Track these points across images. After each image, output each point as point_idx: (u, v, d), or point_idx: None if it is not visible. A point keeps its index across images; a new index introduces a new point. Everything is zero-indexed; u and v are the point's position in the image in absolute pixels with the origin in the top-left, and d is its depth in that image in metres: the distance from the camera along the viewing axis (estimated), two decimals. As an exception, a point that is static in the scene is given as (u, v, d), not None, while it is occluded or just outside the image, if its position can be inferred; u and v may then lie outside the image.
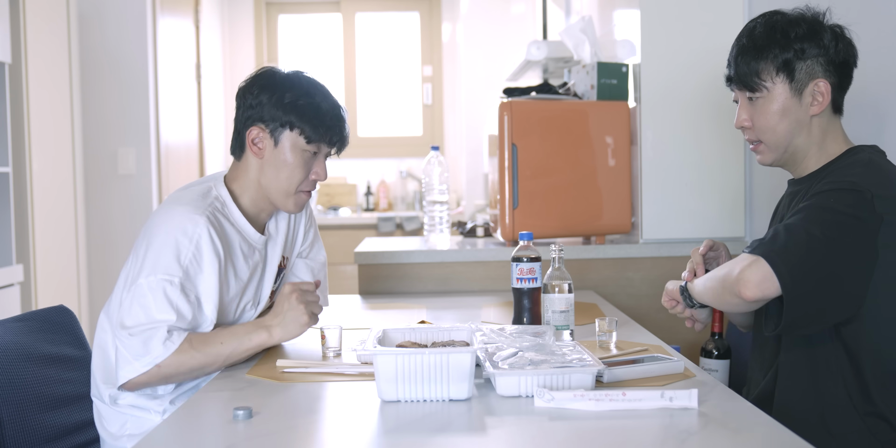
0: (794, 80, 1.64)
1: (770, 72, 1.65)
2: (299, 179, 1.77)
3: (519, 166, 2.66)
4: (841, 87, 1.67)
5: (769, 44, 1.64)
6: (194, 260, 1.65)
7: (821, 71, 1.64)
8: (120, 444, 1.73)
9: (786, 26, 1.64)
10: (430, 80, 6.15)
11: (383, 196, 5.94)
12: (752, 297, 1.48)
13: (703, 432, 1.23)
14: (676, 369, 1.54)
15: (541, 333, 1.62)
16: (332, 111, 1.77)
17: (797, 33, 1.63)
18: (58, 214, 3.52)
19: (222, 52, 5.83)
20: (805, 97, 1.64)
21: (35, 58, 3.32)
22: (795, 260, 1.47)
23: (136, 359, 1.60)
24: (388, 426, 1.31)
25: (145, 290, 1.62)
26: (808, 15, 1.66)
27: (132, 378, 1.61)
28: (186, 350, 1.62)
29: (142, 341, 1.60)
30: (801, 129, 1.66)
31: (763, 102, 1.67)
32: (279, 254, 1.89)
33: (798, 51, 1.63)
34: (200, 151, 5.04)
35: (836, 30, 1.65)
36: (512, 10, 5.25)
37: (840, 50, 1.64)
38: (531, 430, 1.26)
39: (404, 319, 2.16)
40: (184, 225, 1.66)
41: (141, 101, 4.17)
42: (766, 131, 1.68)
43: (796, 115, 1.65)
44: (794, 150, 1.68)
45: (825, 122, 1.67)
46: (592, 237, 2.82)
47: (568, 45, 2.97)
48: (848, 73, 1.67)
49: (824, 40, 1.63)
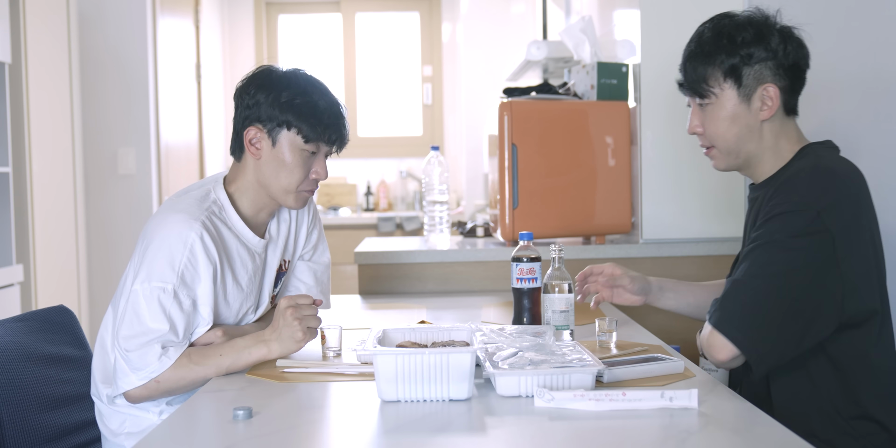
0: (742, 85, 1.62)
1: (717, 78, 1.64)
2: (299, 179, 1.75)
3: (519, 166, 2.66)
4: (793, 89, 1.65)
5: (716, 49, 1.63)
6: (189, 265, 1.65)
7: (770, 75, 1.62)
8: (119, 441, 1.73)
9: (732, 31, 1.62)
10: (430, 80, 6.15)
11: (383, 196, 5.93)
12: (725, 361, 1.50)
13: (703, 432, 1.23)
14: (676, 369, 1.54)
15: (541, 333, 1.61)
16: (330, 109, 1.74)
17: (744, 38, 1.61)
18: (58, 214, 3.52)
19: (222, 52, 5.83)
20: (754, 102, 1.63)
21: (35, 58, 3.32)
22: (749, 322, 1.48)
23: (133, 372, 1.61)
24: (388, 426, 1.31)
25: (139, 298, 1.63)
26: (757, 17, 1.64)
27: (129, 390, 1.62)
28: (185, 364, 1.62)
29: (138, 356, 1.61)
30: (751, 135, 1.65)
31: (712, 109, 1.66)
32: (279, 257, 1.87)
33: (745, 56, 1.61)
34: (200, 151, 5.04)
35: (785, 32, 1.63)
36: (512, 10, 5.25)
37: (789, 52, 1.62)
38: (531, 430, 1.26)
39: (404, 319, 2.16)
40: (178, 230, 1.65)
41: (141, 101, 4.17)
42: (717, 138, 1.67)
43: (746, 120, 1.64)
44: (748, 156, 1.67)
45: (777, 126, 1.65)
46: (592, 237, 2.82)
47: (568, 45, 2.97)
48: (799, 75, 1.65)
49: (772, 44, 1.61)
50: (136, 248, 1.71)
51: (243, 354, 1.64)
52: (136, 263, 1.67)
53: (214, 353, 1.64)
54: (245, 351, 1.64)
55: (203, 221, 1.67)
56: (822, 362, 1.56)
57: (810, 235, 1.49)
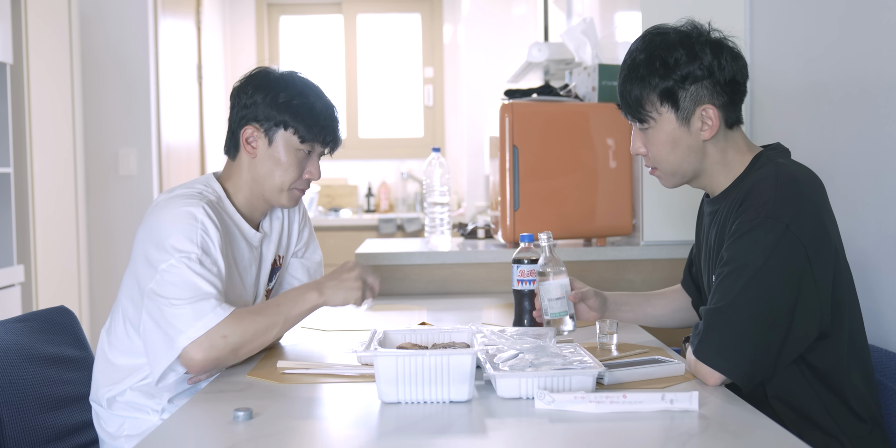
0: (680, 108, 1.60)
1: (654, 102, 1.61)
2: (293, 178, 1.78)
3: (520, 168, 2.66)
4: (733, 103, 1.62)
5: (649, 73, 1.59)
6: (206, 236, 1.65)
7: (707, 95, 1.59)
8: (118, 444, 1.73)
9: (664, 53, 1.59)
10: (431, 81, 6.15)
11: (384, 197, 5.94)
12: (715, 385, 1.49)
13: (704, 435, 1.23)
14: (677, 371, 1.54)
15: (542, 335, 1.61)
16: (325, 111, 1.78)
17: (676, 59, 1.58)
18: (59, 215, 3.52)
19: (223, 53, 5.83)
20: (694, 124, 1.60)
21: (36, 58, 3.32)
22: (733, 350, 1.46)
23: (189, 327, 1.57)
24: (389, 428, 1.31)
25: (169, 274, 1.60)
26: (688, 33, 1.60)
27: (191, 350, 1.56)
28: (244, 316, 1.62)
29: (192, 310, 1.58)
30: (695, 155, 1.63)
31: (652, 132, 1.64)
32: (273, 252, 1.90)
33: (679, 79, 1.58)
34: (201, 152, 5.04)
35: (718, 45, 1.59)
36: (513, 12, 5.26)
37: (725, 68, 1.59)
38: (532, 431, 1.26)
39: (405, 321, 2.16)
40: (185, 210, 1.65)
41: (142, 101, 4.17)
42: (660, 160, 1.66)
43: (687, 142, 1.62)
44: (694, 173, 1.66)
45: (721, 142, 1.63)
46: (593, 239, 2.82)
47: (569, 46, 2.98)
48: (738, 88, 1.61)
49: (705, 62, 1.58)
50: (137, 247, 1.69)
51: (299, 302, 1.66)
52: (147, 258, 1.65)
53: (271, 304, 1.66)
54: (300, 298, 1.67)
55: (204, 206, 1.68)
56: (805, 370, 1.56)
57: (783, 251, 1.48)
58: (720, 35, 1.63)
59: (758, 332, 1.47)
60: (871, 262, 1.94)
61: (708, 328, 1.49)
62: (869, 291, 1.94)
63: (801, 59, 2.28)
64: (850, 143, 2.03)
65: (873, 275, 1.93)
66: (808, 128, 2.23)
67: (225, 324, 1.58)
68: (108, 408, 1.73)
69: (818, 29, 2.19)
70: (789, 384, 1.57)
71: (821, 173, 1.64)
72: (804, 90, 2.25)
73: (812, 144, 2.19)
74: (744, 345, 1.47)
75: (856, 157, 2.00)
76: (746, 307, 1.47)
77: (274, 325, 1.64)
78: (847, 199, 2.02)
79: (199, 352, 1.57)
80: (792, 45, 2.34)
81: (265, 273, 1.87)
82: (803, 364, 1.55)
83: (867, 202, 1.96)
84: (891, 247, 1.88)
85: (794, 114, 2.31)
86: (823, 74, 2.16)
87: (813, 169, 1.63)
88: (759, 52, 2.55)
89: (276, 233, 1.91)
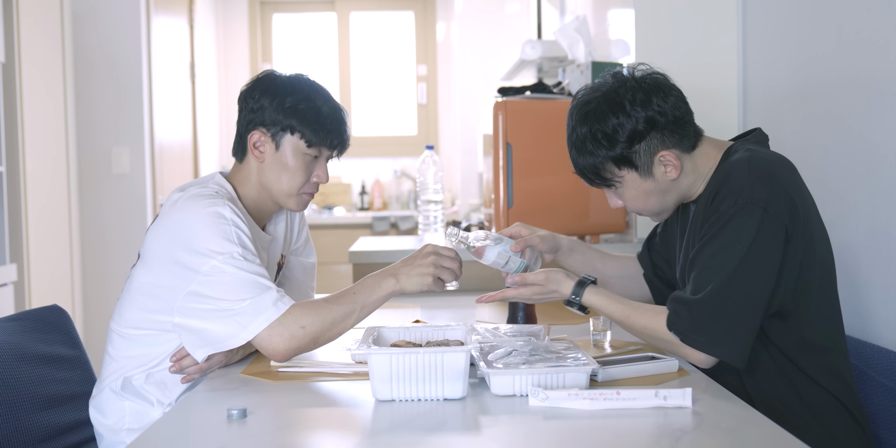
0: (639, 167, 1.61)
1: (611, 170, 1.63)
2: (300, 182, 1.78)
3: (513, 166, 2.66)
4: (684, 135, 1.62)
5: (595, 148, 1.61)
6: (240, 232, 1.64)
7: (658, 143, 1.60)
8: (119, 438, 1.70)
9: (601, 125, 1.59)
10: (424, 79, 6.15)
11: (378, 195, 5.93)
12: (706, 365, 1.52)
13: (697, 431, 1.23)
14: (671, 368, 1.54)
15: (535, 333, 1.61)
16: (332, 115, 1.77)
17: (614, 127, 1.58)
18: (51, 214, 3.51)
19: (216, 52, 5.82)
20: (657, 171, 1.62)
21: (29, 57, 3.31)
22: (728, 336, 1.49)
23: (258, 315, 1.57)
24: (383, 425, 1.31)
25: (217, 274, 1.59)
26: (615, 92, 1.59)
27: (274, 331, 1.57)
28: (321, 305, 1.62)
29: (254, 303, 1.58)
30: (670, 192, 1.66)
31: (622, 191, 1.67)
32: (279, 252, 1.91)
33: (625, 144, 1.59)
34: (195, 150, 5.03)
35: (646, 95, 1.58)
36: (506, 10, 5.25)
37: (664, 113, 1.59)
38: (525, 429, 1.26)
39: (399, 319, 2.16)
40: (212, 210, 1.64)
41: (135, 100, 4.16)
42: (641, 210, 1.70)
43: (658, 187, 1.64)
44: (679, 201, 1.69)
45: (689, 166, 1.64)
46: (587, 236, 2.82)
47: (562, 44, 2.98)
48: (683, 121, 1.61)
49: (641, 118, 1.58)
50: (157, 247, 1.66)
51: (376, 289, 1.65)
52: (172, 261, 1.62)
53: (347, 292, 1.65)
54: (376, 285, 1.65)
55: (228, 204, 1.68)
56: (773, 352, 1.58)
57: (765, 235, 1.50)
58: (644, 71, 1.63)
59: (747, 315, 1.50)
60: (862, 259, 1.95)
61: (698, 315, 1.50)
62: (858, 287, 1.95)
63: (793, 58, 2.29)
64: (841, 143, 2.04)
65: (864, 270, 1.94)
66: (800, 127, 2.24)
67: (302, 315, 1.59)
68: (119, 391, 1.69)
69: (810, 29, 2.19)
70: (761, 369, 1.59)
71: (812, 172, 1.65)
72: (796, 90, 2.26)
73: (804, 143, 2.19)
74: (737, 330, 1.50)
75: (847, 156, 2.01)
76: (734, 295, 1.50)
77: (351, 312, 1.64)
78: (838, 197, 2.03)
79: (282, 342, 1.58)
80: (784, 45, 2.35)
81: (271, 273, 1.88)
82: (772, 347, 1.58)
83: (857, 200, 1.97)
84: (880, 243, 1.89)
85: (787, 113, 2.32)
86: (815, 74, 2.16)
87: (804, 168, 1.65)
88: (751, 51, 2.55)
89: (281, 234, 1.92)
